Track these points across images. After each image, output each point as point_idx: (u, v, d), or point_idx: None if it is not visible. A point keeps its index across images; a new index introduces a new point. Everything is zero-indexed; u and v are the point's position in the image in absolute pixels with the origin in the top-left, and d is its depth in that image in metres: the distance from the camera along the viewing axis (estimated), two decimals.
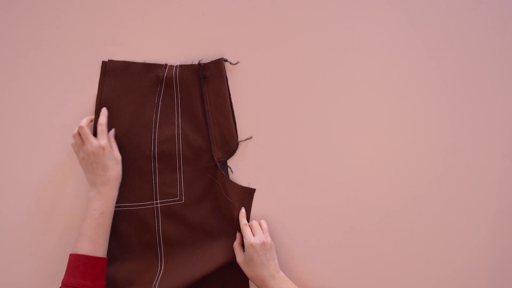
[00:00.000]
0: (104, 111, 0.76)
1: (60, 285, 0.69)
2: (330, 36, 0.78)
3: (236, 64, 0.78)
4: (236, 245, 0.76)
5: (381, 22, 0.77)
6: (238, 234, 0.77)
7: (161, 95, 0.79)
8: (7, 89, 0.79)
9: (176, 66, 0.79)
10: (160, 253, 0.78)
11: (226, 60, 0.78)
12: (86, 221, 0.71)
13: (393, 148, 0.77)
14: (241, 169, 0.79)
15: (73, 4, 0.79)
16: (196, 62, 0.78)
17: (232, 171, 0.79)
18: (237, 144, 0.78)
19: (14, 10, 0.79)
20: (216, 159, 0.77)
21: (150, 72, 0.79)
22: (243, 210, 0.77)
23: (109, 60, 0.79)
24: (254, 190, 0.78)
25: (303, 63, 0.78)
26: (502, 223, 0.76)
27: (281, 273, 0.73)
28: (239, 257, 0.74)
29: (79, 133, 0.74)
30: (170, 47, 0.79)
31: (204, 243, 0.78)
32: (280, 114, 0.78)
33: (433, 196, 0.77)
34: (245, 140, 0.79)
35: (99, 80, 0.79)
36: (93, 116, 0.77)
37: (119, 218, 0.77)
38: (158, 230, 0.77)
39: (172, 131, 0.79)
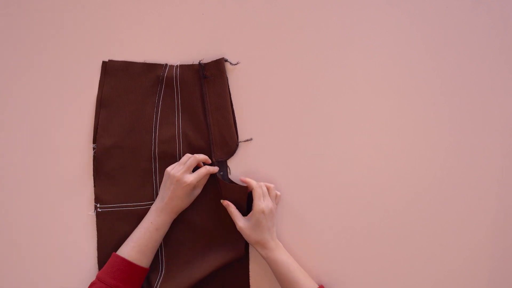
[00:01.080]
0: (211, 169, 0.76)
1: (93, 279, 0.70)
2: (330, 36, 0.78)
3: (236, 64, 0.79)
4: (234, 211, 0.75)
5: (381, 22, 0.77)
6: (227, 203, 0.75)
7: (162, 95, 0.79)
8: (7, 89, 0.79)
9: (177, 66, 0.79)
10: (161, 254, 0.78)
11: (226, 60, 0.78)
12: (141, 230, 0.72)
13: (393, 148, 0.77)
14: (241, 169, 0.79)
15: (73, 4, 0.79)
16: (196, 62, 0.78)
17: (230, 172, 0.79)
18: (237, 145, 0.78)
19: (15, 10, 0.79)
20: (214, 159, 0.77)
21: (150, 72, 0.79)
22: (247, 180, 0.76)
23: (109, 60, 0.79)
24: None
25: (303, 63, 0.78)
26: (502, 223, 0.76)
27: (277, 239, 0.75)
28: (242, 223, 0.73)
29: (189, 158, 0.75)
30: (170, 47, 0.79)
31: (204, 244, 0.78)
32: (281, 114, 0.78)
33: (433, 196, 0.77)
34: (245, 141, 0.79)
35: (99, 80, 0.79)
36: (209, 167, 0.76)
37: (119, 218, 0.77)
38: None
39: (172, 131, 0.79)
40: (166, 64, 0.79)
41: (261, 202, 0.72)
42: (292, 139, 0.78)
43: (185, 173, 0.73)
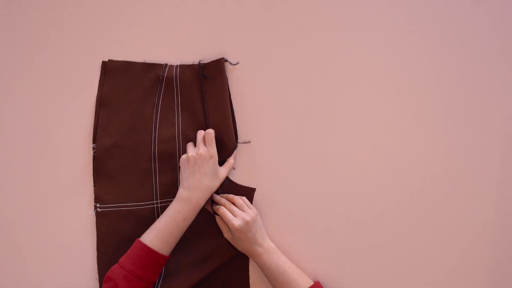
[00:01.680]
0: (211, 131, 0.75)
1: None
2: (330, 36, 0.78)
3: (236, 64, 0.78)
4: (220, 222, 0.75)
5: (381, 22, 0.77)
6: (216, 216, 0.76)
7: (161, 95, 0.79)
8: (7, 89, 0.79)
9: (177, 66, 0.79)
10: None
11: (226, 61, 0.78)
12: (166, 219, 0.71)
13: (393, 149, 0.77)
14: (241, 168, 0.79)
15: (73, 4, 0.79)
16: (196, 62, 0.78)
17: (234, 168, 0.79)
18: (235, 146, 0.78)
19: (15, 10, 0.79)
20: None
21: (150, 72, 0.79)
22: (216, 197, 0.76)
23: (109, 60, 0.79)
24: (254, 189, 0.78)
25: (303, 64, 0.78)
26: (502, 223, 0.76)
27: (267, 240, 0.74)
28: (226, 235, 0.75)
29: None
30: (170, 47, 0.79)
31: (204, 243, 0.78)
32: (280, 114, 0.78)
33: (433, 196, 0.77)
34: (243, 143, 0.79)
35: (99, 80, 0.79)
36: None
37: (119, 218, 0.77)
38: None
39: (172, 131, 0.79)
40: (166, 64, 0.79)
41: (233, 221, 0.71)
42: (291, 139, 0.78)
43: (202, 149, 0.73)
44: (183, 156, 0.74)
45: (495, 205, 0.76)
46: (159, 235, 0.70)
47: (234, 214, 0.72)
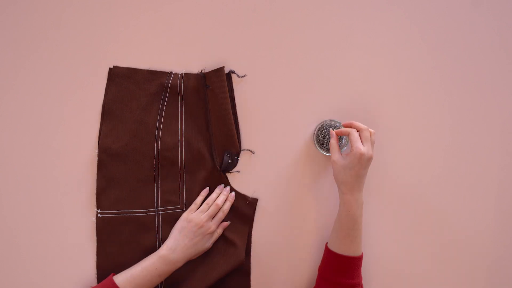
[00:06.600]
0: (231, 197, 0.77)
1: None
2: (331, 36, 0.78)
3: (243, 77, 0.79)
4: (334, 143, 0.72)
5: (382, 22, 0.78)
6: (333, 132, 0.73)
7: (165, 103, 0.79)
8: (13, 94, 0.79)
9: (182, 74, 0.79)
10: None
11: (233, 72, 0.79)
12: (142, 270, 0.70)
13: (393, 148, 0.77)
14: (244, 178, 0.79)
15: (79, 11, 0.79)
16: (201, 71, 0.78)
17: (239, 171, 0.79)
18: (239, 154, 0.79)
19: (21, 16, 0.79)
20: (219, 168, 0.78)
21: (154, 80, 0.79)
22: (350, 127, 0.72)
23: (114, 67, 0.78)
24: (256, 200, 0.78)
25: (305, 64, 0.79)
26: (502, 223, 0.76)
27: (362, 194, 0.70)
28: (337, 158, 0.70)
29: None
30: (176, 55, 0.79)
31: (203, 255, 0.77)
32: (285, 123, 0.79)
33: (433, 196, 0.77)
34: (247, 150, 0.79)
35: (106, 86, 0.78)
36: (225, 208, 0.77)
37: (120, 224, 0.77)
38: (159, 237, 0.77)
39: (175, 139, 0.79)
40: (171, 72, 0.79)
41: (360, 145, 0.67)
42: (295, 149, 0.78)
43: (208, 221, 0.74)
44: (187, 216, 0.75)
45: (495, 205, 0.76)
46: (132, 283, 0.69)
47: (365, 144, 0.68)
